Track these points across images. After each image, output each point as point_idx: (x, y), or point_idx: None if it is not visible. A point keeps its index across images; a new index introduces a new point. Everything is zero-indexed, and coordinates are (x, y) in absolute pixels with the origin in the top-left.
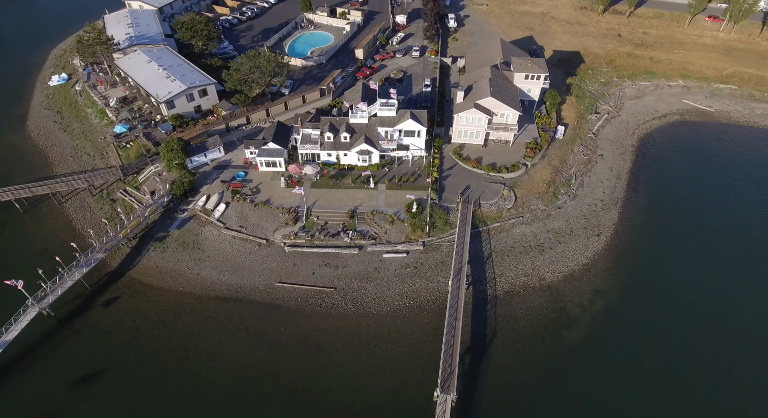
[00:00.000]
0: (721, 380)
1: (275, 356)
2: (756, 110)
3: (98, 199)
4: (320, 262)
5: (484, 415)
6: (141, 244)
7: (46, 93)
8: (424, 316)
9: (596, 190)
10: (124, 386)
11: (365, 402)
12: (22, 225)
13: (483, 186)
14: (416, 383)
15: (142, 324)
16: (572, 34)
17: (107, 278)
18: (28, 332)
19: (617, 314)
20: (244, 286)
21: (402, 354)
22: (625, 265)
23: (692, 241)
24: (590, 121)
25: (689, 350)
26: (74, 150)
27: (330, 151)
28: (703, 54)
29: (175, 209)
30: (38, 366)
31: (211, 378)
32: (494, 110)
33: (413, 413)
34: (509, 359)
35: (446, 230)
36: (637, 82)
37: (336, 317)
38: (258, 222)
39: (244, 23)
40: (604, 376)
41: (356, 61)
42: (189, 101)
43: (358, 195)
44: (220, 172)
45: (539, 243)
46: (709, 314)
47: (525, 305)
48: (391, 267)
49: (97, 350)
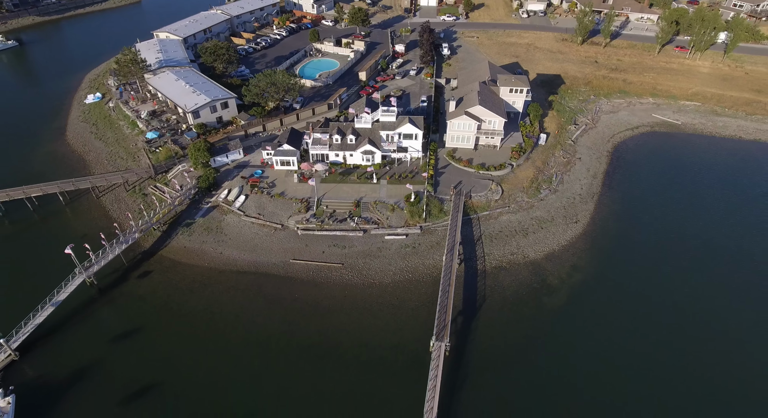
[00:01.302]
0: (675, 336)
1: (290, 317)
2: (717, 123)
3: (132, 193)
4: (329, 243)
5: (472, 362)
6: (170, 229)
7: (83, 109)
8: (421, 286)
9: (575, 186)
10: (158, 342)
11: (370, 354)
12: (65, 215)
13: (473, 182)
14: (414, 338)
15: (173, 292)
16: (554, 60)
17: (141, 256)
18: (75, 296)
19: (591, 285)
20: (262, 262)
21: (402, 316)
22: (599, 246)
23: (657, 227)
24: (570, 131)
25: (651, 313)
26: (109, 155)
27: (337, 151)
28: (671, 77)
29: (200, 201)
30: (82, 324)
31: (234, 335)
32: (482, 117)
33: (412, 361)
34: (496, 319)
35: (441, 217)
36: (611, 99)
37: (343, 287)
38: (274, 210)
39: (259, 52)
40: (579, 333)
41: (360, 82)
42: (212, 112)
43: (363, 188)
44: (240, 171)
45: (524, 228)
46: (669, 285)
47: (511, 278)
48: (392, 247)
49: (134, 313)
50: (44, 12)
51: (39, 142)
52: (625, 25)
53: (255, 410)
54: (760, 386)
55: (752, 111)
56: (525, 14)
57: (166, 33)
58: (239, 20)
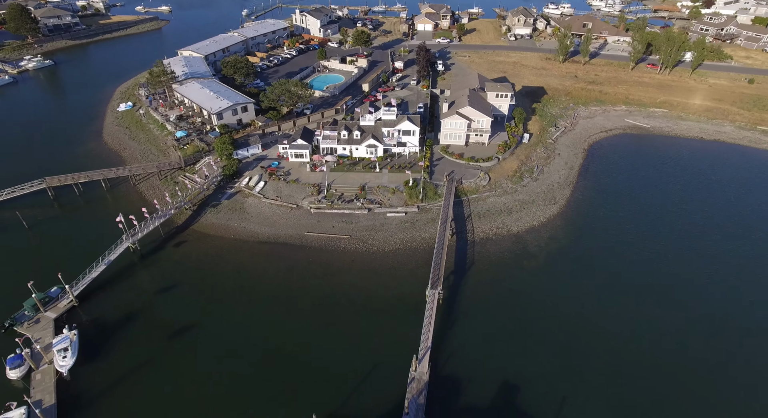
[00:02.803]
0: (635, 284)
1: (305, 276)
2: (682, 126)
3: (164, 181)
4: (338, 219)
5: (462, 307)
6: (200, 209)
7: (116, 116)
8: (419, 253)
9: (554, 176)
10: (193, 294)
11: (374, 304)
12: (106, 199)
13: (464, 171)
14: (412, 291)
15: (204, 257)
16: (538, 75)
17: (175, 230)
18: (122, 258)
19: (565, 251)
20: (280, 234)
21: (401, 275)
22: (573, 222)
23: (625, 206)
24: (550, 132)
25: (618, 271)
26: (142, 151)
27: (345, 145)
28: (642, 88)
29: (225, 187)
30: (128, 280)
31: (258, 290)
32: (472, 117)
33: (410, 308)
34: (483, 276)
35: (435, 199)
36: (589, 107)
37: (351, 254)
38: (290, 193)
39: (272, 68)
40: (554, 286)
41: (363, 92)
42: (233, 115)
43: (367, 176)
44: (259, 162)
45: (508, 208)
46: (632, 248)
47: (496, 246)
48: (393, 223)
49: (171, 272)
50: (75, 37)
51: (80, 142)
52: (603, 46)
53: (278, 347)
54: (700, 312)
55: (712, 116)
56: (513, 37)
57: (189, 51)
58: (254, 41)
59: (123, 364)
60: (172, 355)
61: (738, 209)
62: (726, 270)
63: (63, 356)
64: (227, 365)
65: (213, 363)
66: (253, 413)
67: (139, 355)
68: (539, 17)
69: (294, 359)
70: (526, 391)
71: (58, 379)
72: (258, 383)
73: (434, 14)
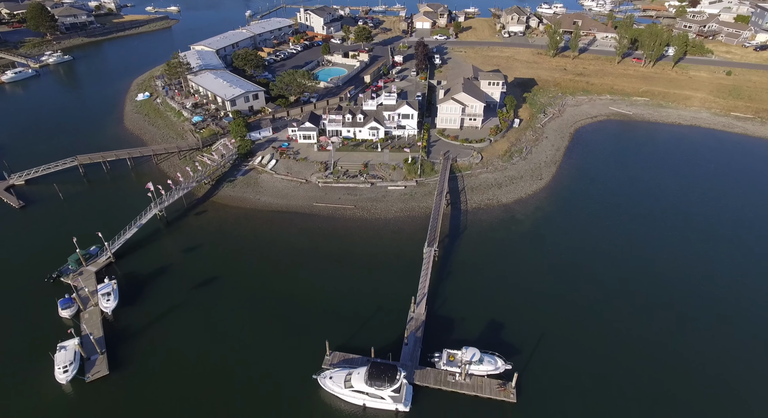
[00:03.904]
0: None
1: (315, 239)
2: (662, 113)
3: (184, 160)
4: (344, 192)
5: (455, 263)
6: (217, 184)
7: (135, 105)
8: (417, 220)
9: (541, 156)
10: (215, 253)
11: (377, 260)
12: (130, 176)
13: (459, 151)
14: (411, 250)
15: (223, 223)
16: (529, 68)
17: (196, 201)
18: (150, 224)
19: (550, 218)
20: (291, 205)
21: (401, 238)
22: (557, 194)
23: (604, 182)
24: (539, 118)
25: (595, 234)
26: (161, 135)
27: (349, 128)
28: (627, 79)
29: (240, 165)
30: (156, 242)
31: (273, 249)
32: (466, 103)
33: (409, 264)
34: (475, 238)
35: (432, 174)
36: (576, 96)
37: (355, 221)
38: (299, 170)
39: (278, 62)
40: (539, 245)
41: (365, 83)
42: (245, 102)
43: (370, 155)
44: (270, 144)
45: (498, 183)
46: (609, 214)
47: (487, 214)
48: (393, 195)
49: (194, 235)
50: (91, 34)
51: (103, 127)
52: (592, 42)
53: (292, 294)
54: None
55: (690, 104)
56: (507, 34)
57: (201, 46)
58: (261, 38)
59: (157, 307)
60: (199, 300)
61: (704, 179)
62: (687, 224)
63: (107, 299)
64: (248, 307)
65: (235, 306)
66: (273, 344)
67: (170, 300)
68: (532, 16)
69: (307, 303)
70: (508, 328)
71: (102, 318)
72: (276, 321)
73: (432, 13)
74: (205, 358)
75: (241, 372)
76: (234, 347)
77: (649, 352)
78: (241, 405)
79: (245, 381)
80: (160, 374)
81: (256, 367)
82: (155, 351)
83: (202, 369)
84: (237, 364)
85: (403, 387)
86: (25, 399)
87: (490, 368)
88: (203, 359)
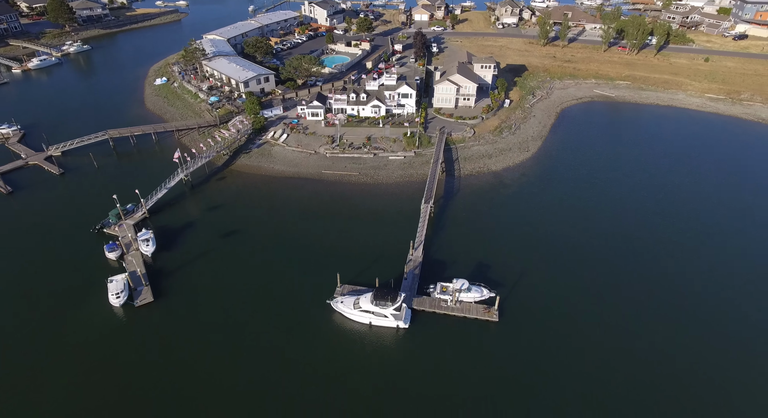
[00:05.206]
0: (585, 205)
1: (324, 200)
2: (642, 95)
3: (203, 136)
4: (349, 161)
5: (448, 218)
6: (234, 155)
7: (153, 89)
8: (415, 185)
9: (528, 131)
10: (235, 210)
11: (379, 215)
12: (155, 149)
13: (453, 126)
14: (410, 208)
15: (241, 187)
16: (521, 55)
17: (216, 169)
18: (177, 187)
19: (534, 182)
20: (302, 172)
21: (401, 198)
22: (542, 163)
23: (585, 153)
24: (528, 99)
25: (575, 194)
26: (180, 115)
27: (353, 106)
28: (611, 66)
29: (254, 139)
30: (183, 201)
31: (287, 208)
32: (460, 84)
33: (408, 218)
34: (467, 199)
35: (429, 146)
36: (563, 80)
37: (360, 185)
38: (308, 143)
39: (285, 51)
40: (524, 202)
41: (367, 69)
42: (257, 84)
43: (372, 130)
44: (282, 121)
45: (489, 154)
46: (588, 178)
47: (478, 180)
48: (394, 163)
49: (215, 197)
50: (106, 26)
51: (126, 108)
52: (581, 33)
53: (306, 241)
54: (630, 208)
55: (668, 87)
56: (501, 26)
57: (213, 35)
58: (268, 28)
59: (189, 252)
60: (225, 246)
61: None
62: (657, 185)
63: (146, 244)
64: (268, 251)
65: (256, 250)
66: (291, 278)
67: (200, 247)
68: (525, 8)
69: (319, 248)
70: (494, 267)
71: (143, 260)
72: (293, 261)
73: (430, 5)
74: (232, 290)
75: (264, 299)
76: (257, 281)
77: (616, 281)
78: (265, 324)
79: (268, 306)
80: (196, 301)
81: (277, 295)
82: (190, 284)
83: (230, 298)
84: (260, 293)
85: (403, 307)
86: (87, 319)
87: (477, 296)
88: (231, 290)
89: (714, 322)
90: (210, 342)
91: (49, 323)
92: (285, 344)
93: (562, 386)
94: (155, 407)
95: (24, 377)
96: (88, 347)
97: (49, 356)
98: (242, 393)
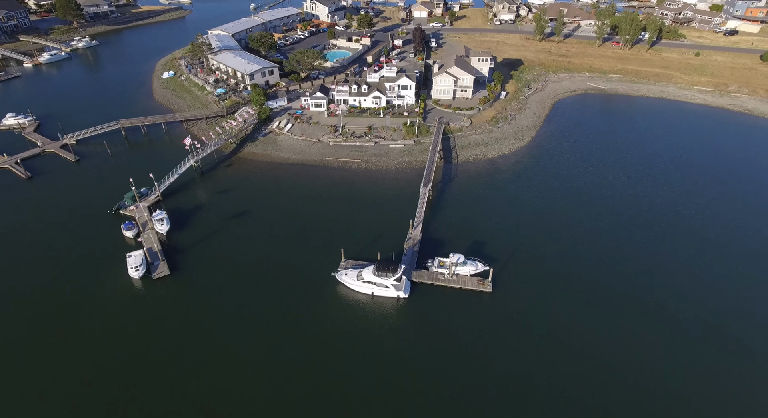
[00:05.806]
0: (576, 189)
1: (328, 184)
2: (633, 87)
3: (211, 126)
4: (351, 149)
5: (446, 200)
6: (241, 143)
7: (161, 82)
8: (414, 171)
9: (523, 121)
10: (243, 193)
11: (382, 198)
12: (165, 138)
13: (451, 116)
14: (410, 191)
15: (249, 173)
16: (517, 50)
17: (225, 157)
18: (187, 173)
19: (527, 168)
20: (306, 159)
21: (401, 183)
22: (536, 151)
23: (577, 141)
24: (524, 92)
25: (565, 178)
26: (188, 106)
27: (355, 97)
28: (605, 60)
29: (260, 129)
30: (193, 186)
31: (292, 191)
32: (457, 76)
33: (407, 200)
34: (463, 183)
35: (428, 135)
36: (558, 74)
37: (362, 171)
38: (312, 132)
39: (288, 46)
40: (517, 189)
41: (367, 63)
42: (262, 77)
43: (373, 120)
44: (286, 111)
45: (485, 142)
46: (580, 164)
47: (474, 166)
48: (394, 151)
49: (224, 181)
50: (112, 22)
51: (136, 100)
52: (576, 29)
53: (312, 220)
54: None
55: (659, 80)
56: (498, 22)
57: (218, 30)
58: (271, 24)
59: (200, 231)
60: (234, 226)
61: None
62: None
63: (161, 224)
64: (275, 230)
65: (265, 230)
66: (298, 253)
67: (211, 227)
68: (522, 5)
69: (324, 227)
70: (488, 244)
71: (159, 238)
72: (299, 239)
73: (429, 2)
74: (242, 264)
75: (273, 273)
76: (265, 257)
77: (603, 256)
78: (274, 295)
79: (276, 278)
80: (209, 275)
81: (286, 268)
82: (203, 259)
83: (241, 272)
84: (269, 267)
85: (403, 279)
86: (108, 289)
87: (472, 269)
88: (241, 265)
89: (695, 285)
90: (223, 311)
91: (74, 292)
92: (293, 313)
93: (549, 352)
94: (173, 368)
95: (54, 338)
96: (111, 312)
97: (77, 319)
98: (253, 357)
